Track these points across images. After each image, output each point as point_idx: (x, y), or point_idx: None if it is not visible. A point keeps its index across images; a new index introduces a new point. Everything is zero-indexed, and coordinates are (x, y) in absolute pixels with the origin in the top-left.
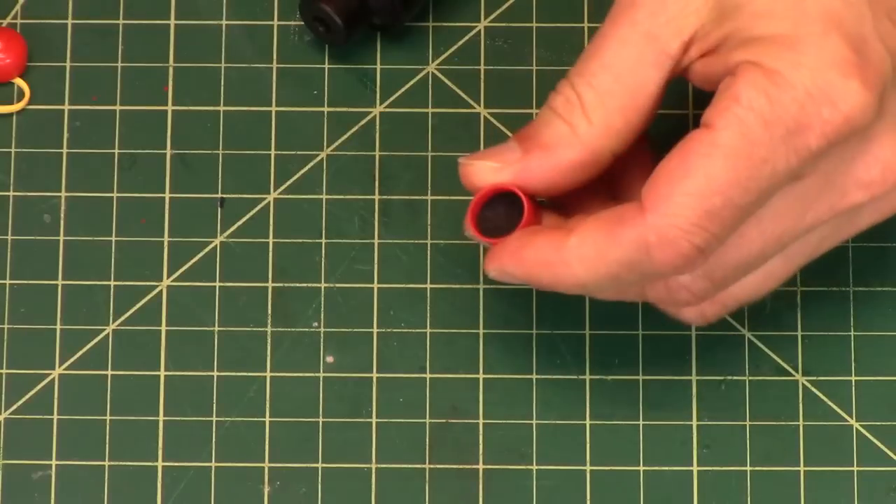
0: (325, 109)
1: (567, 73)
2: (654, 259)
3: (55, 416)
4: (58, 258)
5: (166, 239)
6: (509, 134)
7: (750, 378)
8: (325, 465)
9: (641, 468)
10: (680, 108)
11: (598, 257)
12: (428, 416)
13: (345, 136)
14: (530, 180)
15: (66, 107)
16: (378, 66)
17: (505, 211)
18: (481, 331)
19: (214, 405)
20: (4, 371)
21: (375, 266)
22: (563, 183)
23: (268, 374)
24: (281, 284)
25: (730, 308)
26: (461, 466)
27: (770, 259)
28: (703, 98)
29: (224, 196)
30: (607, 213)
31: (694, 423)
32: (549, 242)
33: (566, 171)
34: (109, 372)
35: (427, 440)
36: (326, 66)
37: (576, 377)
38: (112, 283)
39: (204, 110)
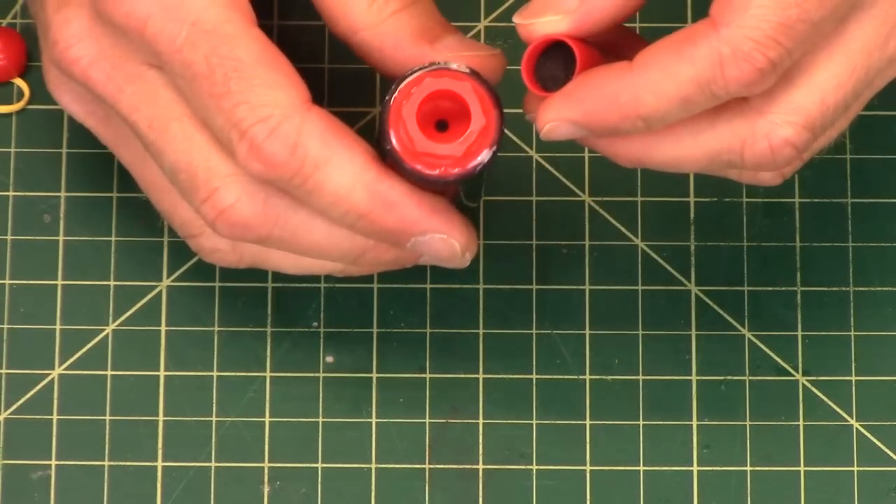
0: (326, 109)
1: None
2: (727, 75)
3: (55, 416)
4: (58, 258)
5: (166, 239)
6: (511, 134)
7: (750, 378)
8: (325, 465)
9: (641, 468)
10: None
11: (666, 79)
12: (428, 416)
13: None
14: (591, 20)
15: None
16: None
17: (559, 65)
18: (481, 331)
19: (214, 405)
20: (4, 371)
21: None
22: (622, 16)
23: (268, 374)
24: (281, 284)
25: (806, 160)
26: (461, 466)
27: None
28: None
29: None
30: (673, 35)
31: (694, 423)
32: (611, 74)
33: (625, 2)
34: (109, 372)
35: (427, 440)
36: (326, 65)
37: (576, 377)
38: (112, 283)
39: None
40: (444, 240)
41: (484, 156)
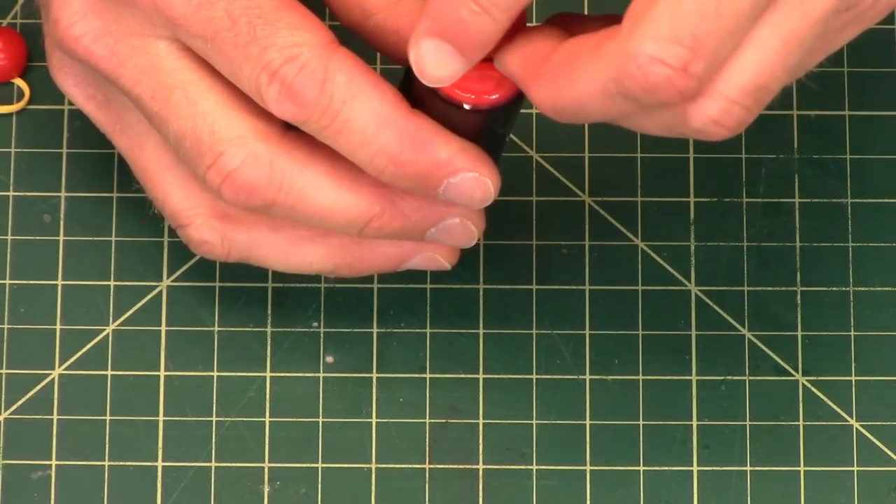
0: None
1: None
2: None
3: (55, 416)
4: (58, 258)
5: (166, 239)
6: (511, 135)
7: (750, 378)
8: (325, 465)
9: (641, 468)
10: None
11: None
12: (428, 416)
13: None
14: None
15: (66, 107)
16: (378, 66)
17: None
18: (481, 331)
19: (214, 405)
20: (4, 371)
21: None
22: None
23: (268, 374)
24: (281, 284)
25: (738, 102)
26: (461, 466)
27: (750, 22)
28: None
29: None
30: None
31: (694, 423)
32: None
33: None
34: (109, 372)
35: (427, 440)
36: None
37: (576, 377)
38: (112, 283)
39: None
40: (477, 178)
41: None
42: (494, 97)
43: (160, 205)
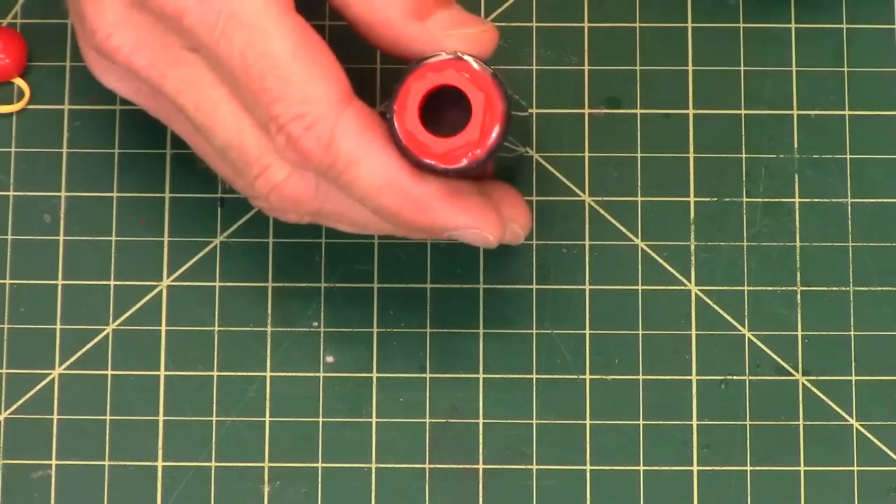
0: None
1: None
2: None
3: (55, 416)
4: (58, 258)
5: (166, 239)
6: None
7: (750, 378)
8: (325, 465)
9: (641, 468)
10: (683, 107)
11: None
12: (428, 416)
13: None
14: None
15: (66, 107)
16: (378, 66)
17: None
18: (481, 331)
19: (214, 405)
20: (4, 371)
21: (375, 266)
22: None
23: (268, 374)
24: (281, 284)
25: None
26: (461, 466)
27: None
28: (703, 98)
29: (224, 196)
30: None
31: (694, 423)
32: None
33: None
34: (109, 372)
35: (427, 440)
36: None
37: (576, 377)
38: (112, 283)
39: None
40: (477, 233)
41: (490, 142)
42: (476, 152)
43: (229, 182)
